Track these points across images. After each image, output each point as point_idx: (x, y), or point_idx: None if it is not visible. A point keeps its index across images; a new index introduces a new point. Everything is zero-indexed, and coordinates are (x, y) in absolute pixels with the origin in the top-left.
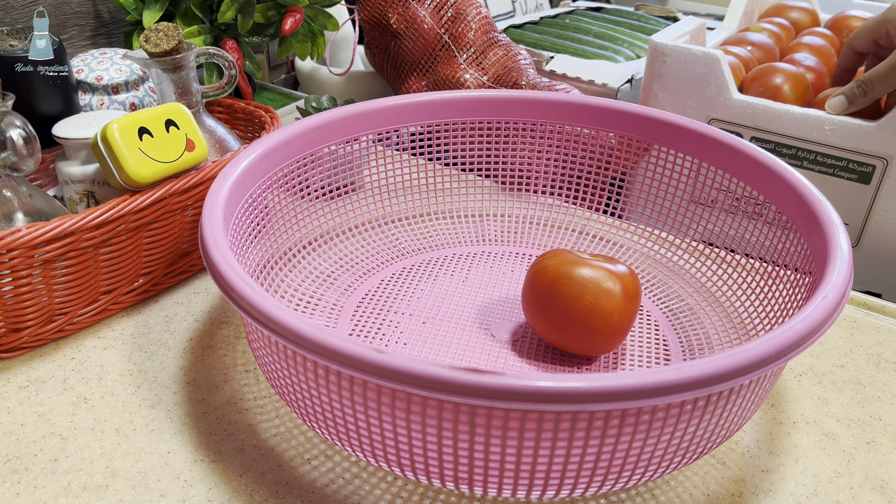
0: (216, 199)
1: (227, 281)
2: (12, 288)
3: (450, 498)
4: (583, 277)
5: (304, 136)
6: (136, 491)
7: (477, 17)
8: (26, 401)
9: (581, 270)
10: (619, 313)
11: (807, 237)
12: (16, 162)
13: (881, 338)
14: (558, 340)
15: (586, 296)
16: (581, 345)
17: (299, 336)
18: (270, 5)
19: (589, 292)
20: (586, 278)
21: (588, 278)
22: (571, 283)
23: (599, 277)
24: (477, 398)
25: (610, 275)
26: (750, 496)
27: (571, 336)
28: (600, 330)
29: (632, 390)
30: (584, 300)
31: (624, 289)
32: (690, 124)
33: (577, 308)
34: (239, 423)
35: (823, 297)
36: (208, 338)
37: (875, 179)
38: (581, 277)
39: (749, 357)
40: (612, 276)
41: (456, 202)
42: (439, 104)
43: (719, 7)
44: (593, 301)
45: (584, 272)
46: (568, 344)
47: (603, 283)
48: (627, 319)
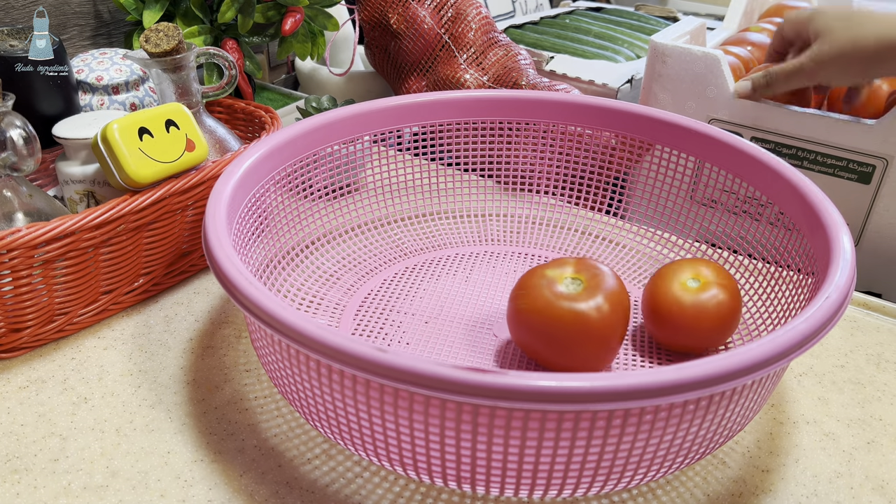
0: (219, 198)
1: (230, 280)
2: (12, 288)
3: (451, 497)
4: (553, 321)
5: (306, 137)
6: (136, 491)
7: (477, 17)
8: (26, 401)
9: (551, 313)
10: (597, 347)
11: (809, 237)
12: (16, 162)
13: (881, 338)
14: (545, 365)
15: (559, 339)
16: (567, 370)
17: (302, 335)
18: (270, 5)
19: (560, 335)
20: (557, 322)
21: (559, 322)
22: (543, 326)
23: (571, 319)
24: (479, 397)
25: (583, 312)
26: (750, 496)
27: (555, 367)
28: (579, 363)
29: (634, 390)
30: (557, 342)
31: (600, 323)
32: (691, 124)
33: (553, 347)
34: (239, 423)
35: (826, 297)
36: (208, 338)
37: (875, 179)
38: (552, 321)
39: (751, 357)
40: (586, 314)
41: (457, 202)
42: (439, 104)
43: (719, 7)
44: (567, 343)
45: (555, 315)
46: (554, 370)
47: (575, 323)
48: (609, 349)
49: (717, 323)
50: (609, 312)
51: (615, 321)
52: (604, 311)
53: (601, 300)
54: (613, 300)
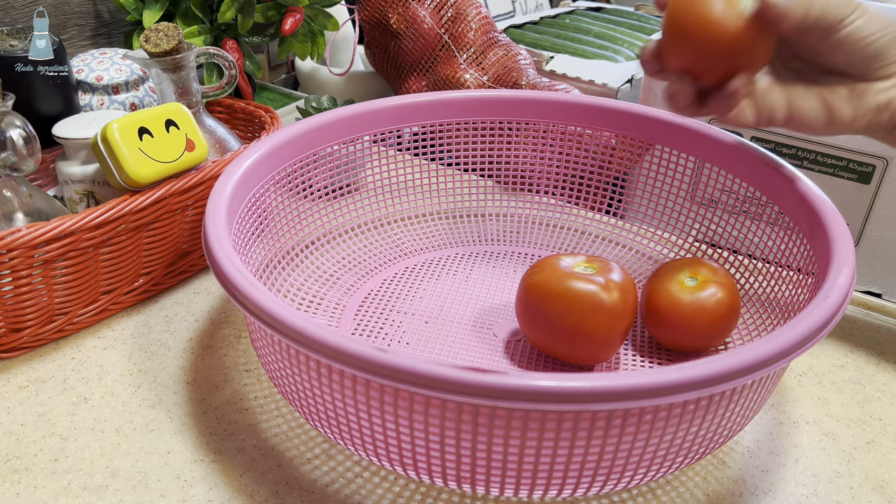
0: (219, 198)
1: (230, 280)
2: (12, 288)
3: (451, 497)
4: (567, 295)
5: (306, 136)
6: (136, 491)
7: (477, 17)
8: (26, 401)
9: (566, 287)
10: (605, 329)
11: (809, 237)
12: (16, 162)
13: (881, 338)
14: (549, 351)
15: (570, 316)
16: (570, 357)
17: (302, 335)
18: (270, 5)
19: (573, 312)
20: (570, 296)
21: (572, 297)
22: (556, 301)
23: (584, 295)
24: (479, 397)
25: (596, 291)
26: (750, 496)
27: (560, 351)
28: (585, 347)
29: (633, 390)
30: (568, 319)
31: (611, 305)
32: (691, 124)
33: (562, 326)
34: (239, 423)
35: (825, 297)
36: (208, 338)
37: (875, 179)
38: (565, 296)
39: (751, 357)
40: (599, 293)
41: (457, 202)
42: (439, 104)
43: None
44: (577, 320)
45: (569, 289)
46: (558, 355)
47: (588, 300)
48: (616, 334)
49: (715, 321)
50: (620, 297)
51: (625, 307)
52: (614, 294)
53: (613, 284)
54: (624, 287)
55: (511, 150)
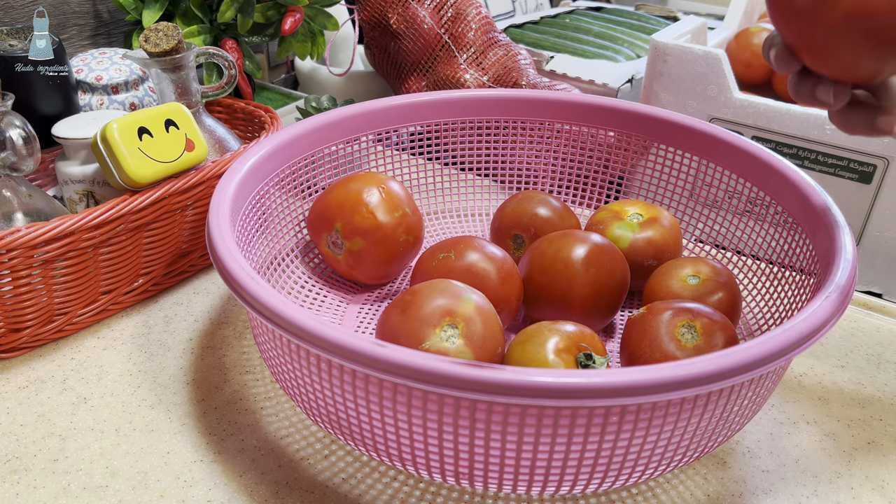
0: (223, 196)
1: (232, 275)
2: (12, 288)
3: (451, 494)
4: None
5: (308, 136)
6: (136, 491)
7: (477, 17)
8: (26, 401)
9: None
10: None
11: (810, 237)
12: (15, 162)
13: (881, 338)
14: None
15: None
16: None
17: (302, 330)
18: (270, 5)
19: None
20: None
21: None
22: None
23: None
24: (477, 393)
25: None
26: (750, 496)
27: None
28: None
29: (632, 387)
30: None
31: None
32: (692, 122)
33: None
34: (239, 423)
35: (826, 296)
36: (208, 338)
37: (876, 179)
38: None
39: (751, 355)
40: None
41: (456, 201)
42: (439, 104)
43: (719, 7)
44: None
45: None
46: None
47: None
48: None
49: None
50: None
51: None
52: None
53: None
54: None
55: (511, 150)
